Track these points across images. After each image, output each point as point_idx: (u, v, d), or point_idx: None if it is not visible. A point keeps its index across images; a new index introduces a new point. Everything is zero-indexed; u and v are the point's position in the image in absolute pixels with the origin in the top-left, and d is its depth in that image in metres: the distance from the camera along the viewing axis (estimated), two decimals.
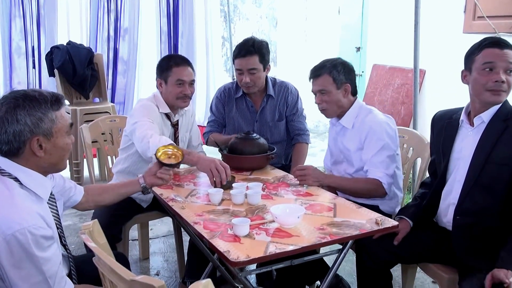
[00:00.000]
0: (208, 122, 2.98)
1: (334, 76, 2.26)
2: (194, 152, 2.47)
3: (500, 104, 1.85)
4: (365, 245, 2.01)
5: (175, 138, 2.63)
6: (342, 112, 2.34)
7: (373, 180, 2.21)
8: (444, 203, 2.01)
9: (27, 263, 1.35)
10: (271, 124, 2.83)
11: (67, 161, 1.61)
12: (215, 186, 2.09)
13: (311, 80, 2.34)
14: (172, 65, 2.49)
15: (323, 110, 2.35)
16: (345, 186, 2.26)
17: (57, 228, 1.59)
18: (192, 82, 2.54)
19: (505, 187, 1.79)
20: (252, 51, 2.60)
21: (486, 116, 1.86)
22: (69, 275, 1.66)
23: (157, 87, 2.58)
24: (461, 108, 2.00)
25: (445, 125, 2.03)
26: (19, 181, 1.45)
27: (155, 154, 1.98)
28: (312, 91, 2.34)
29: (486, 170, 1.82)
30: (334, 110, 2.33)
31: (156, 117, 2.48)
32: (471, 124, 1.92)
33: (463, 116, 1.96)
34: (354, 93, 2.36)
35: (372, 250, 2.00)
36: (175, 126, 2.62)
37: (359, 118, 2.31)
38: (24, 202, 1.41)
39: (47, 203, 1.56)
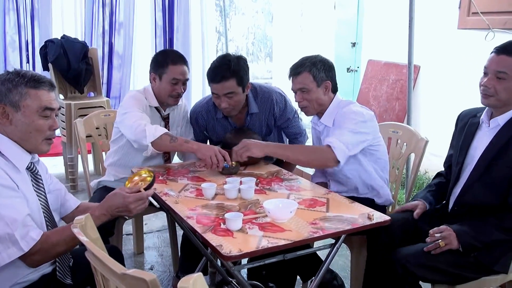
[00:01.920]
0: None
1: (314, 73, 2.25)
2: (192, 140, 2.47)
3: None
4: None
5: None
6: (323, 110, 2.33)
7: (322, 146, 2.17)
8: (451, 194, 2.06)
9: None
10: (261, 119, 2.67)
11: (47, 146, 1.66)
12: (222, 171, 2.23)
13: (291, 78, 2.32)
14: (169, 62, 2.46)
15: (303, 108, 2.33)
16: (289, 154, 2.23)
17: (43, 208, 1.66)
18: (185, 81, 2.52)
19: (505, 187, 1.85)
20: (227, 76, 2.35)
21: (502, 119, 1.91)
22: (58, 267, 1.67)
23: (150, 81, 2.56)
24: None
25: (468, 123, 2.07)
26: None
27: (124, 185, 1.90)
28: (292, 90, 2.32)
29: (491, 169, 1.88)
30: (315, 108, 2.32)
31: (145, 109, 2.48)
32: (489, 124, 1.95)
33: (484, 116, 2.00)
34: (335, 90, 2.35)
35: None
36: (165, 119, 2.61)
37: (338, 114, 2.29)
38: None
39: (30, 175, 1.64)
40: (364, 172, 2.29)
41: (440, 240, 1.82)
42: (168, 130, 2.59)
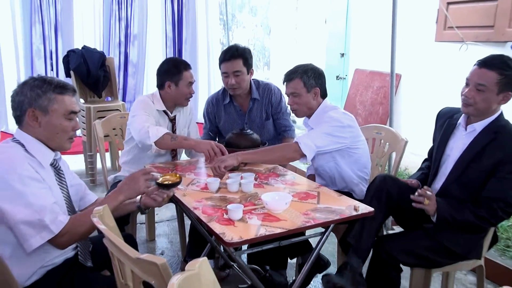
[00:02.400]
0: (204, 129, 2.96)
1: (305, 80, 2.26)
2: (191, 138, 2.55)
3: (494, 118, 1.88)
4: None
5: (173, 132, 2.61)
6: (311, 113, 2.33)
7: (290, 143, 2.18)
8: (431, 187, 2.07)
9: (16, 198, 1.43)
10: (260, 124, 2.81)
11: (70, 144, 1.67)
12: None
13: (285, 83, 2.33)
14: (182, 69, 2.49)
15: (294, 111, 2.35)
16: (258, 158, 2.21)
17: (65, 200, 1.65)
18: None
19: (479, 187, 1.86)
20: (236, 55, 2.59)
21: (479, 126, 1.90)
22: (78, 254, 1.68)
23: (164, 88, 2.52)
24: None
25: (447, 123, 2.06)
26: (24, 147, 1.55)
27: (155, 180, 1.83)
28: (286, 93, 2.34)
29: (467, 171, 1.89)
30: (304, 111, 2.33)
31: (152, 111, 2.48)
32: (466, 128, 1.95)
33: (461, 120, 1.99)
34: (324, 96, 2.35)
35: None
36: (172, 121, 2.61)
37: (321, 117, 2.28)
38: (18, 157, 1.50)
39: (53, 171, 1.64)
40: (341, 170, 2.30)
41: (426, 200, 1.83)
42: (175, 130, 2.60)
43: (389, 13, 3.13)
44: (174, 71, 2.50)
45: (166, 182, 1.77)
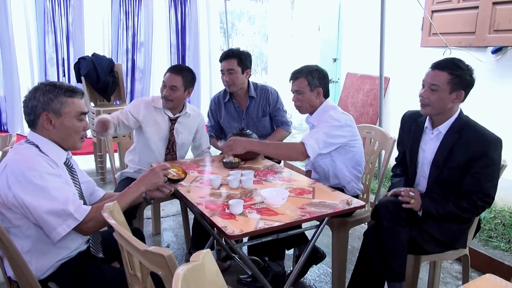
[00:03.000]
0: (208, 127, 2.98)
1: (309, 80, 2.26)
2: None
3: (455, 118, 1.89)
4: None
5: (170, 131, 2.54)
6: (313, 110, 2.33)
7: (297, 143, 2.16)
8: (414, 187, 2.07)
9: (39, 193, 1.43)
10: (256, 120, 2.84)
11: (81, 143, 1.66)
12: (225, 165, 2.29)
13: (291, 81, 2.33)
14: (166, 71, 2.48)
15: (298, 107, 2.34)
16: (267, 150, 2.21)
17: (79, 196, 1.64)
18: (172, 87, 2.41)
19: (457, 184, 1.87)
20: (231, 55, 2.69)
21: (443, 127, 1.91)
22: (90, 247, 1.67)
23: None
24: None
25: (413, 127, 2.06)
26: (39, 148, 1.54)
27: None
28: (291, 91, 2.35)
29: (443, 172, 1.90)
30: (307, 108, 2.33)
31: (142, 109, 2.48)
32: (433, 132, 1.96)
33: (427, 123, 1.99)
34: (326, 95, 2.34)
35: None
36: (172, 121, 2.55)
37: (322, 116, 2.27)
38: (34, 156, 1.50)
39: (66, 169, 1.63)
40: (336, 166, 2.29)
41: (412, 199, 1.86)
42: (172, 132, 2.55)
43: (378, 21, 3.14)
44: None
45: (173, 177, 1.79)
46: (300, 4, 7.25)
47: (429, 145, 1.97)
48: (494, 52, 3.36)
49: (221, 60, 2.74)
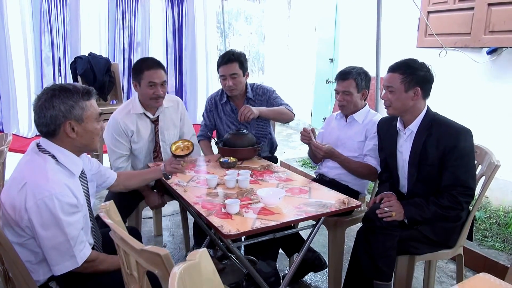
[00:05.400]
0: (201, 126, 2.89)
1: (358, 82, 2.31)
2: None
3: (423, 115, 1.93)
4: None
5: (155, 133, 2.49)
6: (356, 110, 2.38)
7: (371, 167, 2.29)
8: (399, 189, 2.10)
9: (53, 224, 1.38)
10: (253, 121, 2.72)
11: (98, 144, 1.62)
12: (222, 165, 2.32)
13: (337, 80, 2.36)
14: (144, 68, 2.31)
15: (342, 106, 2.38)
16: (350, 165, 2.31)
17: (87, 203, 1.61)
18: (163, 83, 2.35)
19: (437, 180, 1.89)
20: (232, 59, 2.58)
21: (413, 126, 1.96)
22: (94, 246, 1.67)
23: (134, 89, 2.41)
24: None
25: (389, 131, 2.10)
26: (55, 158, 1.48)
27: (170, 149, 2.04)
28: (336, 90, 2.38)
29: (421, 171, 1.93)
30: (350, 108, 2.37)
31: (121, 130, 2.38)
32: (405, 132, 1.99)
33: (399, 125, 2.03)
34: (366, 98, 2.41)
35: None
36: (154, 122, 2.48)
37: (368, 117, 2.37)
38: (55, 175, 1.43)
39: (80, 180, 1.58)
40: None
41: (393, 212, 1.86)
42: (157, 131, 2.49)
43: (374, 21, 3.15)
44: (136, 70, 2.35)
45: (179, 153, 2.00)
46: (297, 4, 7.26)
47: (405, 146, 2.00)
48: (489, 53, 3.39)
49: (220, 65, 2.60)
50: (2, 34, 4.44)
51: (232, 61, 2.58)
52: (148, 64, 2.32)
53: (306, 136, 2.33)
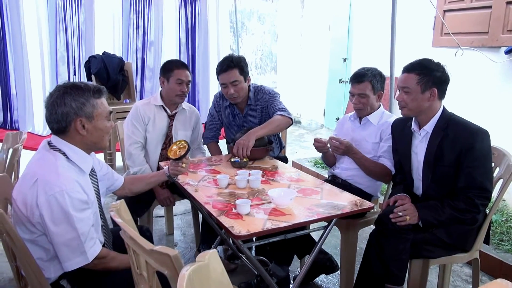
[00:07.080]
0: (206, 125, 2.83)
1: (374, 84, 2.28)
2: None
3: (439, 115, 1.90)
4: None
5: (169, 127, 2.60)
6: (371, 112, 2.35)
7: (385, 168, 2.25)
8: (414, 191, 2.06)
9: (63, 220, 1.39)
10: (256, 126, 2.59)
11: (108, 142, 1.63)
12: (233, 165, 2.31)
13: (352, 83, 2.33)
14: (174, 67, 2.50)
15: (358, 109, 2.35)
16: (366, 163, 2.27)
17: (97, 200, 1.62)
18: (188, 82, 2.53)
19: (453, 181, 1.85)
20: (232, 65, 2.46)
21: (429, 127, 1.92)
22: (105, 244, 1.68)
23: (160, 85, 2.59)
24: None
25: (404, 132, 2.06)
26: (66, 155, 1.50)
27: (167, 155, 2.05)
28: (351, 92, 2.34)
29: (436, 172, 1.89)
30: (367, 111, 2.34)
31: (139, 116, 2.53)
32: (420, 133, 1.96)
33: (413, 126, 2.00)
34: (381, 99, 2.39)
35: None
36: (171, 117, 2.60)
37: (383, 118, 2.34)
38: (65, 171, 1.45)
39: (90, 177, 1.59)
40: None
41: (407, 216, 1.83)
42: (171, 125, 2.61)
43: (389, 20, 3.10)
44: (166, 68, 2.53)
45: (175, 156, 1.97)
46: (310, 3, 7.22)
47: (420, 147, 1.97)
48: (507, 52, 3.31)
49: (220, 73, 2.50)
50: (19, 33, 4.51)
51: (231, 67, 2.47)
52: (177, 64, 2.53)
53: (321, 143, 2.32)
